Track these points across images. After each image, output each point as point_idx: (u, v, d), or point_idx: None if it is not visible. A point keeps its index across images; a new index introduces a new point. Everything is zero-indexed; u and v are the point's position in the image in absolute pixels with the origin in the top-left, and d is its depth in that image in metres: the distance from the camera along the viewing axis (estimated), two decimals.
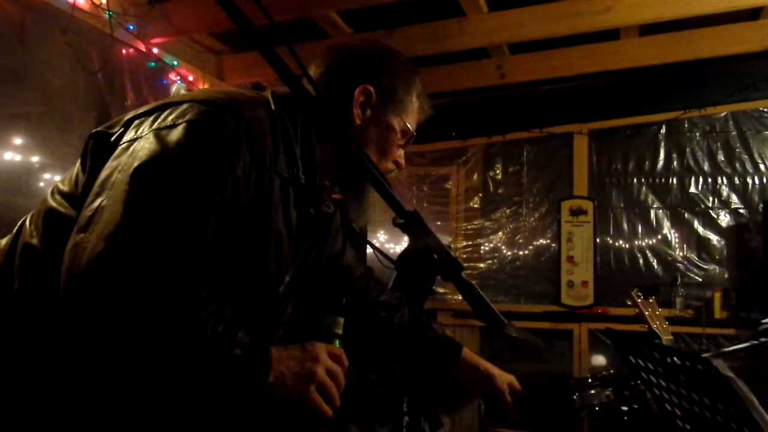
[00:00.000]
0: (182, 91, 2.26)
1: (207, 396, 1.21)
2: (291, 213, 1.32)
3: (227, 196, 1.17)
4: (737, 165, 4.61)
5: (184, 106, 1.22)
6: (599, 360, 4.66)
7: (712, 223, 4.65)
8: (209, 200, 1.15)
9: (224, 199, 1.17)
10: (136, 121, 1.24)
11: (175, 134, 1.17)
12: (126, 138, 1.22)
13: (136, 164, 1.13)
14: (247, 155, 1.21)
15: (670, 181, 4.76)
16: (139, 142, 1.18)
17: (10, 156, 2.85)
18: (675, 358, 1.28)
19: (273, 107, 1.32)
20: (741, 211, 4.59)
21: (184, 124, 1.18)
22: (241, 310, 1.20)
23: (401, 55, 1.53)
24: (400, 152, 1.50)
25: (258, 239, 1.25)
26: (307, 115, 1.36)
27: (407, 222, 1.04)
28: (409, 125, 1.47)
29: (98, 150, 1.25)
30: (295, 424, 1.34)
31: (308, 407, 1.18)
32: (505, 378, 1.91)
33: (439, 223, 5.29)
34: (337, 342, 1.29)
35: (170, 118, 1.20)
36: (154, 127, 1.20)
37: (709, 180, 4.67)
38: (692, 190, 4.70)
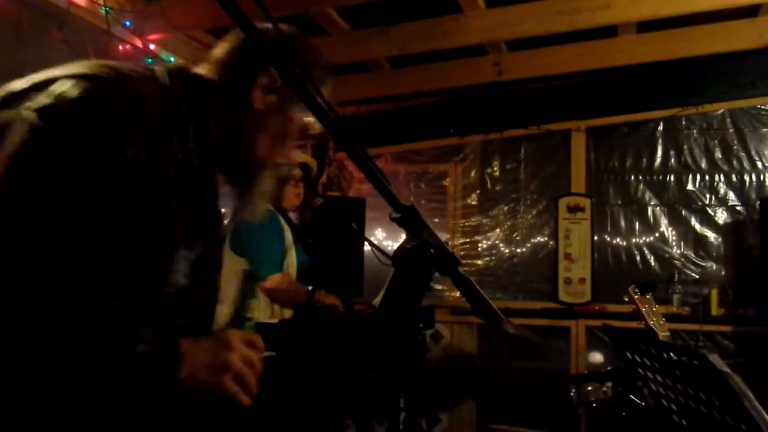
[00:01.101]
0: None
1: (117, 394, 1.16)
2: (183, 196, 1.23)
3: (118, 177, 1.09)
4: (734, 162, 4.62)
5: (68, 83, 1.11)
6: (596, 357, 4.67)
7: (709, 221, 4.66)
8: (100, 184, 1.07)
9: (116, 181, 1.09)
10: (12, 101, 1.12)
11: (59, 113, 1.07)
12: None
13: (13, 150, 1.02)
14: (138, 134, 1.12)
15: (668, 178, 4.77)
16: (15, 126, 1.06)
17: None
18: (671, 354, 1.28)
19: (168, 83, 1.24)
20: (738, 208, 4.60)
21: (68, 102, 1.08)
22: (138, 300, 1.15)
23: (320, 53, 1.44)
24: (295, 149, 1.42)
25: (149, 222, 1.17)
26: (203, 93, 1.28)
27: (404, 217, 1.04)
28: (313, 124, 1.38)
29: None
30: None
31: (224, 397, 1.14)
32: None
33: (436, 220, 5.29)
34: (250, 326, 1.26)
35: (52, 95, 1.09)
36: (33, 107, 1.07)
37: (707, 177, 4.68)
38: (689, 187, 4.71)
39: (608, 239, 4.88)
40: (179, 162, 1.21)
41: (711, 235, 4.64)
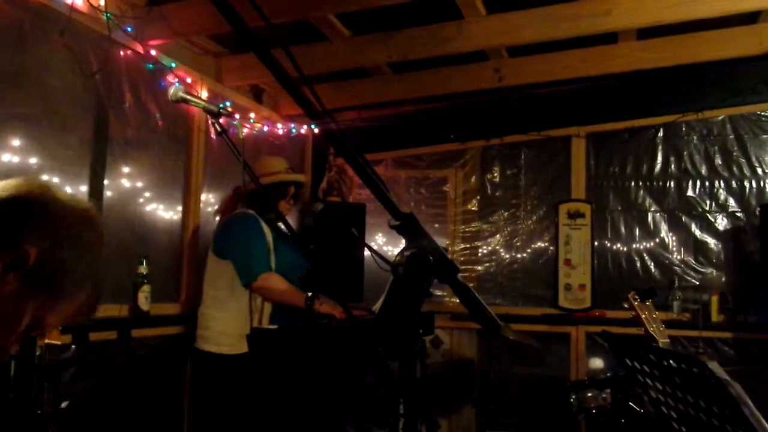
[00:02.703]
0: (180, 94, 2.25)
1: None
2: None
3: None
4: (734, 168, 4.62)
5: None
6: (596, 363, 4.66)
7: (709, 227, 4.65)
8: None
9: None
10: None
11: None
12: None
13: None
14: None
15: (668, 184, 4.77)
16: None
17: (7, 158, 2.84)
18: (671, 361, 1.28)
19: None
20: (738, 214, 4.59)
21: None
22: None
23: (101, 246, 1.23)
24: (16, 342, 1.16)
25: None
26: None
27: (403, 224, 1.04)
28: (49, 322, 1.16)
29: None
30: None
31: None
32: None
33: (436, 225, 5.30)
34: None
35: None
36: None
37: (707, 183, 4.68)
38: (690, 193, 4.71)
39: (608, 245, 4.88)
40: None
41: (711, 242, 4.64)
